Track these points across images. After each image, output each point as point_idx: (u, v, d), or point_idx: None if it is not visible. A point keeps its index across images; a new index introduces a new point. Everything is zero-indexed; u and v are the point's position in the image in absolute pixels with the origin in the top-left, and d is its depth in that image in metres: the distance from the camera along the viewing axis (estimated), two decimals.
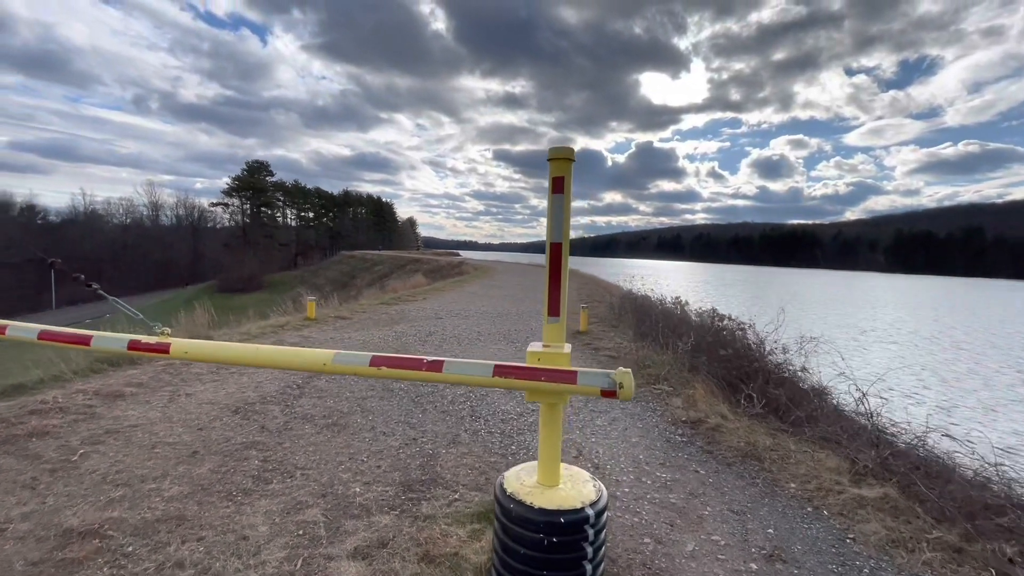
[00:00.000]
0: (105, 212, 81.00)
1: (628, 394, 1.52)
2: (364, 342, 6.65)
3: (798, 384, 5.62)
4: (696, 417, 4.21)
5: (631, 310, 8.81)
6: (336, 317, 8.55)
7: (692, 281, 52.94)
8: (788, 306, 27.04)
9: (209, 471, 2.90)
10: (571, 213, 1.86)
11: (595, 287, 19.32)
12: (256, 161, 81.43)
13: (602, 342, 7.23)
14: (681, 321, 7.69)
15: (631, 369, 1.61)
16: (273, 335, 6.88)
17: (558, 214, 1.83)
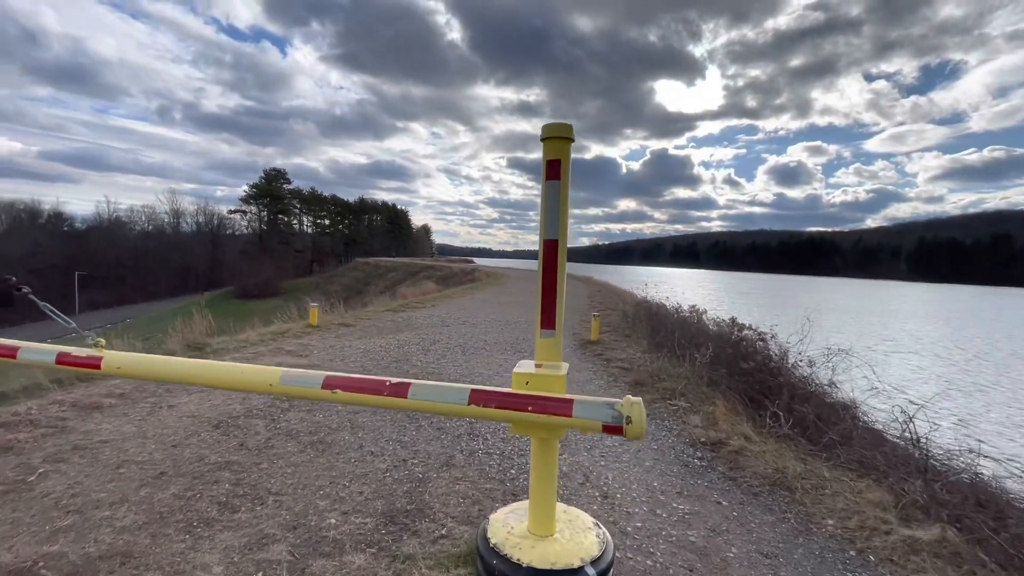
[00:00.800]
0: (128, 219, 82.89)
1: (638, 431, 1.19)
2: (365, 351, 6.38)
3: (827, 401, 5.19)
4: (717, 438, 3.82)
5: (645, 319, 8.42)
6: (340, 324, 8.32)
7: (708, 289, 52.11)
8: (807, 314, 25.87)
9: (172, 496, 2.62)
10: (584, 218, 1.54)
11: (608, 294, 18.90)
12: (273, 169, 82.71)
13: (614, 352, 6.86)
14: (698, 331, 7.28)
15: (645, 384, 1.28)
16: (272, 342, 6.65)
17: (553, 205, 1.51)
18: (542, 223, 1.52)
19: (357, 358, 5.93)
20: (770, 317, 23.70)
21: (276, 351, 6.08)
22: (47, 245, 66.51)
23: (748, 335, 6.78)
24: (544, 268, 1.52)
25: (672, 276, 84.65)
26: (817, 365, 5.84)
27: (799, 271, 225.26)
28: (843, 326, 26.33)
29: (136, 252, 78.08)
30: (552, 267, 1.51)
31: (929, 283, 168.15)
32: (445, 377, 5.28)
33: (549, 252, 1.51)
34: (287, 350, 6.16)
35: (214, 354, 5.89)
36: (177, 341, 6.13)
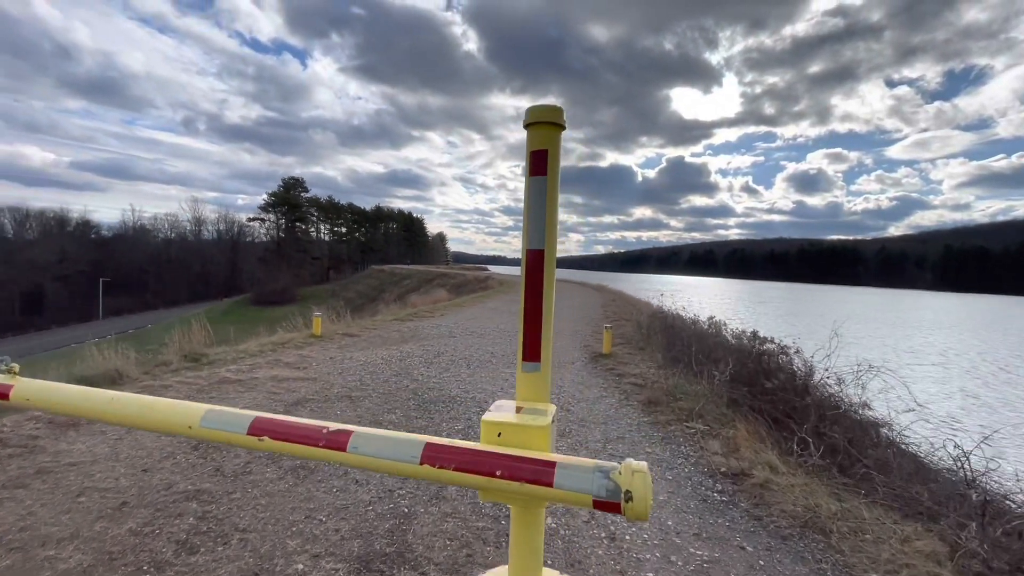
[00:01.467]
0: (152, 227, 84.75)
1: (642, 510, 0.87)
2: (365, 363, 6.12)
3: (859, 423, 4.77)
4: (739, 467, 3.46)
5: (660, 331, 8.04)
6: (344, 334, 8.10)
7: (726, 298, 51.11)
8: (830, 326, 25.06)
9: (129, 532, 2.36)
10: (599, 226, 1.24)
11: (623, 304, 18.47)
12: (292, 178, 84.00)
13: (627, 367, 6.49)
14: (716, 344, 6.89)
15: (659, 403, 0.96)
16: (271, 353, 6.44)
17: (539, 206, 1.21)
18: (525, 229, 1.22)
19: (356, 371, 5.67)
20: (791, 328, 23.10)
21: (274, 363, 5.86)
22: (74, 252, 68.30)
23: (770, 349, 6.38)
24: (527, 285, 1.22)
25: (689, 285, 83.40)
26: (846, 383, 5.43)
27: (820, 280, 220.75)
28: (867, 337, 25.42)
29: (158, 259, 79.81)
30: (536, 283, 1.21)
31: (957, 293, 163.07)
32: (446, 393, 4.99)
33: (533, 265, 1.21)
34: (285, 362, 5.94)
35: (210, 365, 5.70)
36: (174, 351, 5.95)
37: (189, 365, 5.69)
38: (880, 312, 47.49)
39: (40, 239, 68.17)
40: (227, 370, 5.41)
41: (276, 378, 5.20)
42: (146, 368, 5.47)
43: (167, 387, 4.70)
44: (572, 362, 6.85)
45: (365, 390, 4.96)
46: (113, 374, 5.05)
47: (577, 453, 3.64)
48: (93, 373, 4.97)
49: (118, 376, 5.05)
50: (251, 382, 5.03)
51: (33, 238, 68.89)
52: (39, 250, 64.36)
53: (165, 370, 5.49)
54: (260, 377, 5.21)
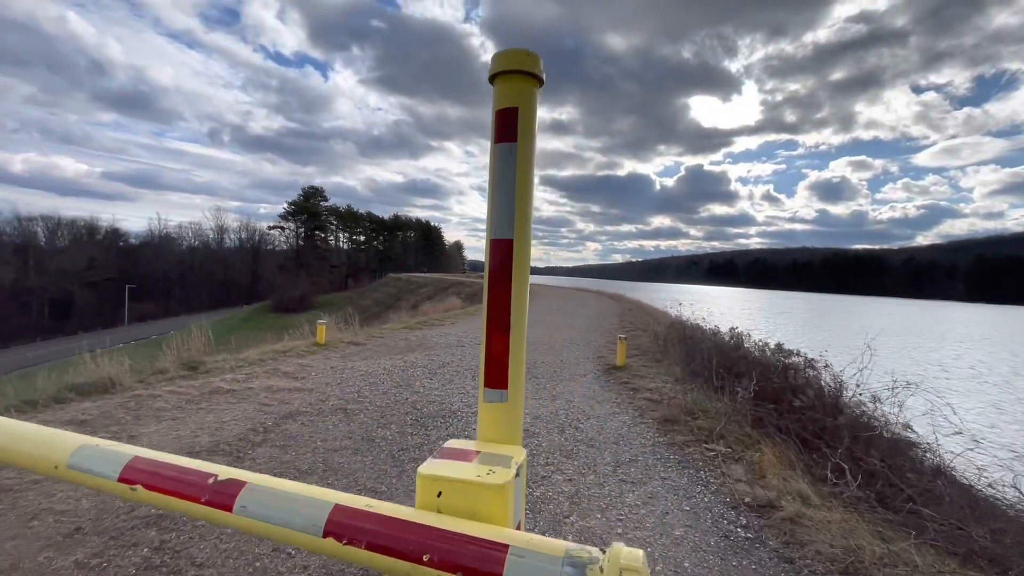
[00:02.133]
0: (177, 235, 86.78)
1: None
2: (366, 373, 5.87)
3: (899, 448, 4.32)
4: (765, 498, 3.08)
5: (678, 342, 7.63)
6: (349, 343, 7.88)
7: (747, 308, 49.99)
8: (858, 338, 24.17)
9: (75, 564, 2.11)
10: (617, 235, 0.94)
11: (639, 313, 18.00)
12: (311, 187, 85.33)
13: (643, 380, 6.12)
14: (739, 358, 6.46)
15: (676, 422, 0.66)
16: (272, 362, 6.24)
17: (506, 183, 0.92)
18: (489, 213, 0.93)
19: (355, 382, 5.42)
20: (816, 340, 22.24)
21: (271, 372, 5.65)
22: (102, 259, 70.30)
23: (796, 363, 5.95)
24: (491, 286, 0.93)
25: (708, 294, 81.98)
26: (881, 401, 4.98)
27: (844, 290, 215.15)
28: (895, 350, 24.38)
29: (183, 266, 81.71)
30: (503, 285, 0.91)
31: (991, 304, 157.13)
32: (447, 407, 4.70)
33: (499, 260, 0.92)
34: (283, 371, 5.72)
35: (207, 374, 5.51)
36: (172, 359, 5.79)
37: (185, 374, 5.51)
38: (909, 323, 45.80)
39: (70, 247, 70.33)
40: (222, 379, 5.20)
41: (271, 388, 4.98)
42: (141, 376, 5.30)
43: (156, 396, 4.51)
44: (584, 375, 6.50)
45: (362, 402, 4.69)
46: (106, 382, 4.88)
47: (584, 478, 3.31)
48: (84, 381, 4.81)
49: (111, 384, 4.88)
50: (244, 392, 4.81)
51: (64, 246, 71.10)
52: (69, 258, 66.38)
53: (160, 378, 5.31)
54: (255, 387, 4.99)
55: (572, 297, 26.40)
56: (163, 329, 56.26)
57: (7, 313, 55.62)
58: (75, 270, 65.73)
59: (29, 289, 61.50)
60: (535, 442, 3.90)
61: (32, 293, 61.71)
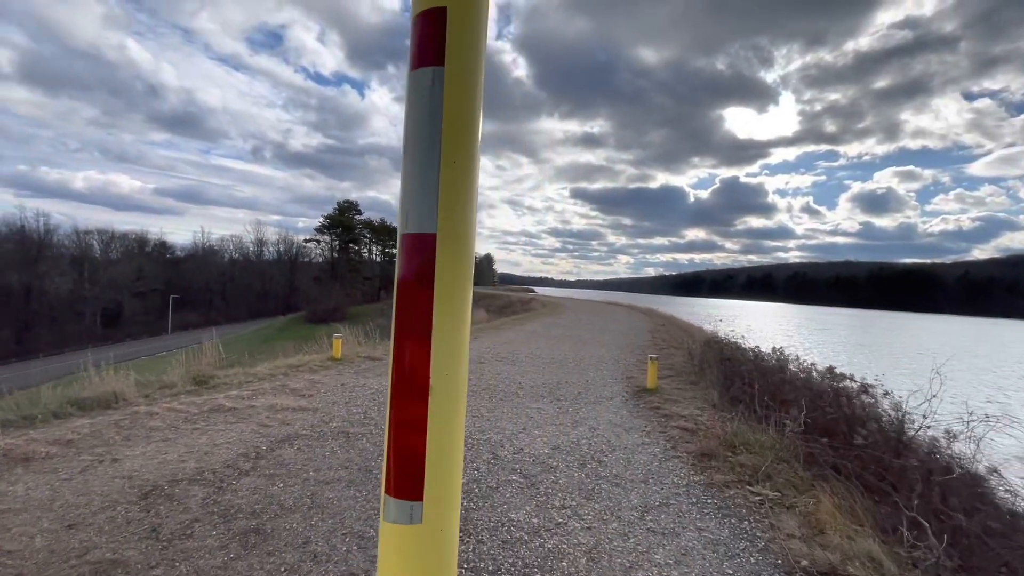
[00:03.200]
0: (219, 248, 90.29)
1: None
2: (377, 391, 5.55)
3: (986, 498, 3.65)
4: (827, 562, 2.53)
5: (715, 362, 7.02)
6: (366, 357, 7.62)
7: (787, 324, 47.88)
8: (915, 358, 22.77)
9: None
10: (649, 248, 0.57)
11: (672, 329, 17.23)
12: (346, 201, 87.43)
13: (676, 406, 5.57)
14: (783, 381, 5.84)
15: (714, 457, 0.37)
16: (283, 376, 6.01)
17: (426, 134, 0.50)
18: (403, 191, 0.53)
19: (363, 402, 5.10)
20: (869, 361, 20.74)
21: (279, 389, 5.39)
22: (150, 271, 73.75)
23: (849, 388, 5.30)
24: (399, 309, 0.52)
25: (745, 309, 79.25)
26: (957, 437, 4.30)
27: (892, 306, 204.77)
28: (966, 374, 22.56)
29: (224, 278, 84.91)
30: (419, 307, 0.51)
31: None
32: None
33: (413, 269, 0.51)
34: (291, 388, 5.46)
35: (213, 389, 5.30)
36: (179, 373, 5.62)
37: (192, 389, 5.32)
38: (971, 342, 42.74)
39: (122, 259, 74.06)
40: (226, 396, 4.97)
41: (274, 407, 4.70)
42: (147, 391, 5.13)
43: (154, 414, 4.29)
44: (611, 397, 5.99)
45: (367, 425, 4.35)
46: (109, 397, 4.71)
47: (606, 526, 2.84)
48: (89, 396, 4.66)
49: (114, 399, 4.72)
50: (246, 411, 4.54)
51: (116, 258, 74.93)
52: (120, 269, 69.85)
53: (166, 393, 5.13)
54: (258, 406, 4.73)
55: (601, 311, 25.72)
56: (204, 338, 58.34)
57: (63, 320, 58.87)
58: (125, 281, 69.10)
59: (83, 298, 64.94)
60: (551, 478, 3.45)
61: (86, 302, 65.12)
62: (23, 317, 56.07)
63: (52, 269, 62.03)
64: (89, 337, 56.99)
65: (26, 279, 58.32)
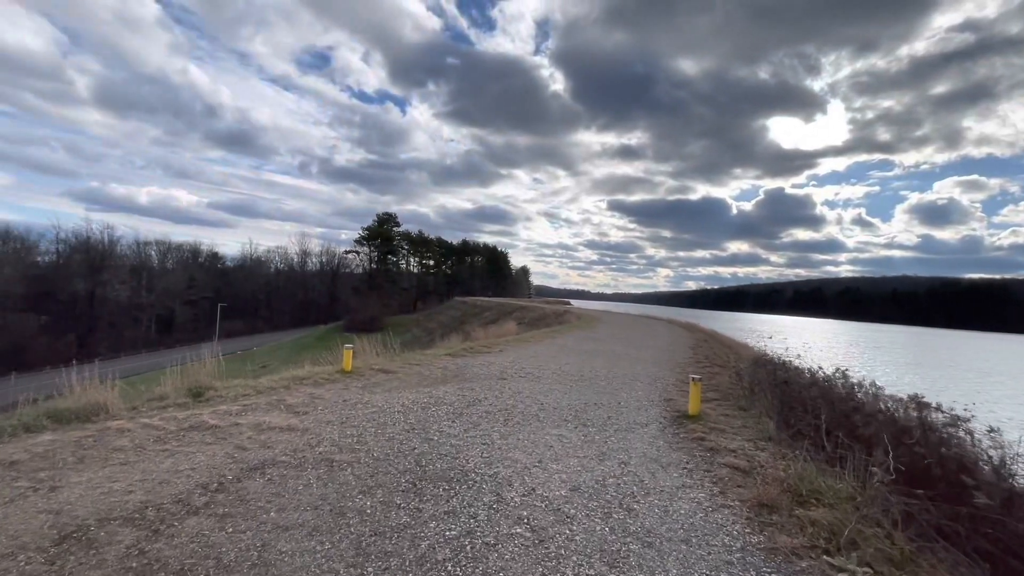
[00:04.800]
0: (266, 259, 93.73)
1: None
2: (380, 410, 4.97)
3: None
4: None
5: (768, 386, 6.09)
6: (379, 370, 7.09)
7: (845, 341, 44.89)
8: (990, 382, 20.27)
9: None
10: (690, 261, 0.80)
11: (716, 345, 16.05)
12: (385, 213, 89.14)
13: (723, 437, 4.73)
14: (854, 410, 4.89)
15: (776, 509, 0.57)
16: (283, 390, 5.54)
17: None
18: None
19: (360, 422, 4.53)
20: (945, 386, 18.66)
21: (273, 405, 4.90)
22: (202, 280, 77.19)
23: (935, 421, 4.33)
24: None
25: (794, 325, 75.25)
26: None
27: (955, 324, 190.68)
28: None
29: (269, 287, 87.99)
30: None
31: None
32: (459, 464, 3.65)
33: None
34: (287, 403, 4.97)
35: (205, 403, 4.88)
36: (174, 385, 5.23)
37: (183, 401, 4.91)
38: None
39: (176, 268, 77.90)
40: (213, 412, 4.51)
41: (260, 426, 4.19)
42: (135, 403, 4.75)
43: (125, 432, 3.84)
44: (645, 424, 5.20)
45: (356, 452, 3.76)
46: (92, 409, 4.34)
47: None
48: (69, 407, 4.29)
49: (96, 411, 4.33)
50: (227, 430, 4.05)
51: (171, 267, 78.86)
52: (174, 278, 73.41)
53: (155, 406, 4.73)
54: (243, 423, 4.23)
55: (639, 325, 24.58)
56: (248, 345, 60.27)
57: (121, 326, 62.21)
58: (177, 289, 72.52)
59: (140, 305, 68.52)
60: (566, 532, 2.74)
61: (142, 309, 68.69)
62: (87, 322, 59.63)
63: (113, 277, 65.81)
64: (144, 342, 59.92)
65: (90, 287, 62.07)
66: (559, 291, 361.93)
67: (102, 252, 66.84)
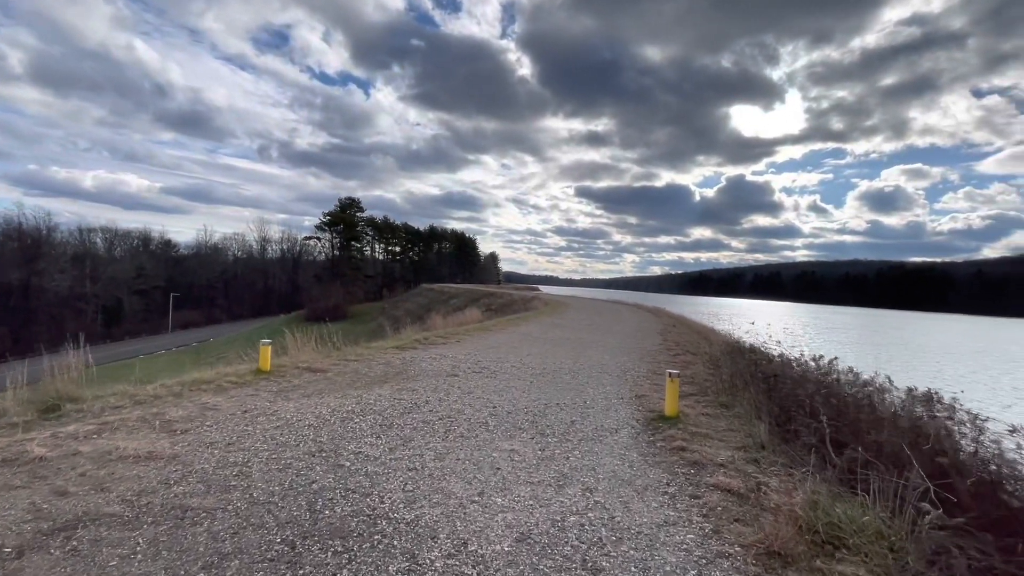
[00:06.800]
0: (223, 246, 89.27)
1: None
2: (285, 425, 3.95)
3: None
4: None
5: (752, 379, 5.37)
6: (306, 369, 6.03)
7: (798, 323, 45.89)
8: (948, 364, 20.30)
9: None
10: (655, 247, 0.33)
11: (685, 331, 15.55)
12: (348, 198, 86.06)
13: (708, 446, 3.93)
14: (856, 408, 4.19)
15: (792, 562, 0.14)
16: (172, 398, 4.44)
17: None
18: None
19: (252, 444, 3.50)
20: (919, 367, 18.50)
21: (147, 420, 3.82)
22: (151, 269, 72.71)
23: (943, 421, 3.67)
24: None
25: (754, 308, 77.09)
26: None
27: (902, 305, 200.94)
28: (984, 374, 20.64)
29: (226, 276, 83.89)
30: None
31: None
32: (367, 508, 2.70)
33: None
34: (168, 418, 3.89)
35: (59, 420, 3.75)
36: (14, 398, 4.05)
37: (26, 420, 3.76)
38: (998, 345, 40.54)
39: (124, 257, 73.22)
40: (52, 435, 3.40)
41: (108, 455, 3.13)
42: None
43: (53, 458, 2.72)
44: (615, 429, 4.37)
45: (229, 492, 2.76)
46: None
47: None
48: None
49: None
50: (55, 464, 2.97)
51: (120, 256, 74.05)
52: (120, 266, 68.97)
53: None
54: (85, 452, 3.15)
55: (607, 311, 24.04)
56: (204, 336, 57.24)
57: (63, 318, 57.92)
58: (125, 279, 68.14)
59: (83, 296, 64.08)
60: None
61: (86, 300, 64.27)
62: (21, 315, 55.21)
63: (51, 266, 61.15)
64: (89, 335, 56.08)
65: (24, 276, 57.46)
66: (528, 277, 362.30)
67: (37, 239, 61.95)
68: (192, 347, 47.74)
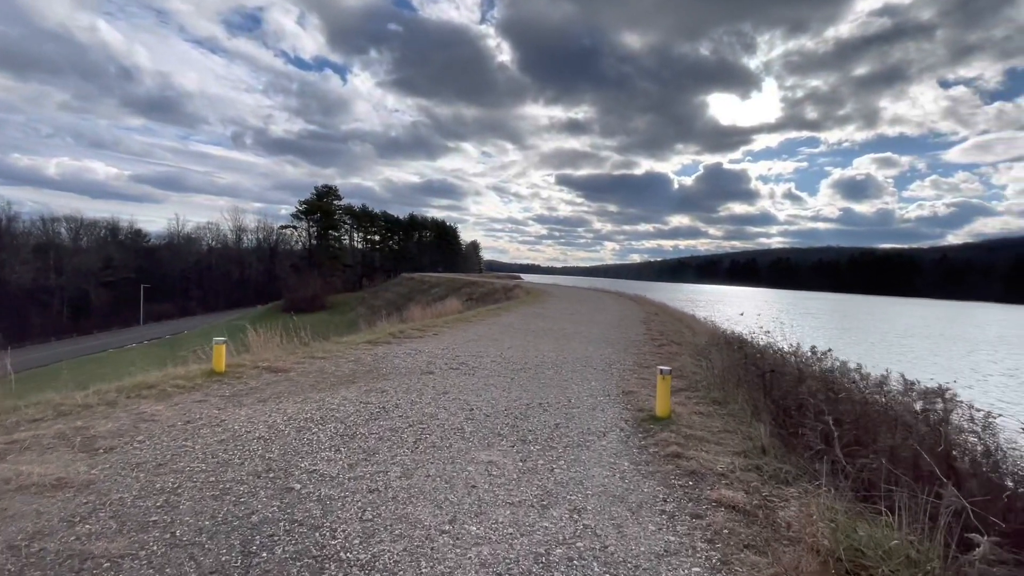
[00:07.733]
0: (196, 236, 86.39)
1: None
2: (232, 436, 3.47)
3: None
4: None
5: (746, 374, 5.06)
6: (266, 368, 5.52)
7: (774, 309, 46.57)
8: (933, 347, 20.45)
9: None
10: (635, 235, 0.32)
11: (668, 319, 15.35)
12: (325, 186, 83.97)
13: (706, 452, 3.59)
14: (865, 403, 3.89)
15: None
16: (104, 408, 3.91)
17: None
18: None
19: (192, 460, 3.02)
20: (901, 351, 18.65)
21: (67, 436, 3.29)
22: (120, 259, 69.93)
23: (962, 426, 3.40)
24: None
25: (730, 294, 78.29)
26: None
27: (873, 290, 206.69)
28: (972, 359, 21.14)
29: (200, 266, 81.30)
30: None
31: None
32: (315, 546, 2.27)
33: None
34: (92, 433, 3.37)
35: None
36: None
37: None
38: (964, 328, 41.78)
39: (90, 247, 70.32)
40: None
41: (6, 485, 2.61)
42: None
43: None
44: (604, 432, 4.01)
45: (146, 531, 2.29)
46: None
47: None
48: None
49: None
50: None
51: (86, 246, 71.09)
52: (87, 257, 66.24)
53: None
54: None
55: (589, 299, 23.78)
56: (178, 328, 55.39)
57: (26, 312, 55.33)
58: (92, 270, 65.47)
59: (48, 288, 61.41)
60: None
61: (51, 292, 61.61)
62: None
63: (12, 257, 58.38)
64: (55, 328, 53.63)
65: None
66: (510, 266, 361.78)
67: None
68: (165, 339, 46.14)
